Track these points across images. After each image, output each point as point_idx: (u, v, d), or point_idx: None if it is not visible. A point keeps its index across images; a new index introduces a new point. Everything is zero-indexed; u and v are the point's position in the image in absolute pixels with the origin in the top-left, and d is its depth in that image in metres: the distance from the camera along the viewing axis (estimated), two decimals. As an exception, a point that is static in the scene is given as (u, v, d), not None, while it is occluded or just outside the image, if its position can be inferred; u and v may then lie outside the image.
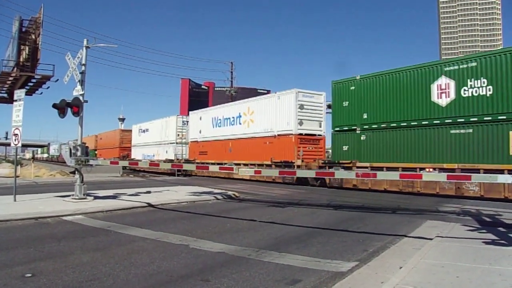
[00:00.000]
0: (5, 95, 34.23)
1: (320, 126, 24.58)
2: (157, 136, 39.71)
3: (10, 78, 29.75)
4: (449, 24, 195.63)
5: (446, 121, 16.61)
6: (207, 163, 27.30)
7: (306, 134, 23.82)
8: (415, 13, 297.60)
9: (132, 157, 45.69)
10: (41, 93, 32.25)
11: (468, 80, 16.07)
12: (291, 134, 23.61)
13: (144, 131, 44.19)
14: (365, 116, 19.89)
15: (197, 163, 29.82)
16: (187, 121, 36.40)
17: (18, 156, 13.96)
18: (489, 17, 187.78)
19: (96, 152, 59.21)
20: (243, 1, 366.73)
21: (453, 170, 15.45)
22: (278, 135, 24.61)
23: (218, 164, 24.98)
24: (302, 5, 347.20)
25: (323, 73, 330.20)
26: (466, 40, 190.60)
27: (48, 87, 31.12)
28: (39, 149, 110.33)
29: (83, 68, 13.35)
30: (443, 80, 16.83)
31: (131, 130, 49.55)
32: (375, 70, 20.54)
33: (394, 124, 18.49)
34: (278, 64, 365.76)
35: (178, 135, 36.04)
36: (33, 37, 28.63)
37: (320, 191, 19.57)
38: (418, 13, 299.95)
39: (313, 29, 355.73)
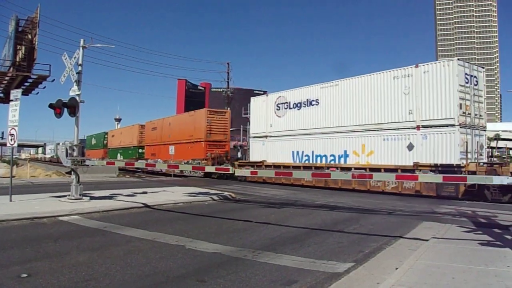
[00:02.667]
0: (1, 94, 34.01)
1: None
2: (358, 115, 20.72)
3: (6, 78, 29.56)
4: (444, 23, 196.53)
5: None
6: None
7: None
8: (411, 12, 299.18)
9: (260, 159, 25.61)
10: (37, 93, 32.06)
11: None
12: None
13: (297, 106, 24.04)
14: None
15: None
16: (482, 75, 18.35)
17: (14, 156, 13.87)
18: (485, 13, 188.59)
19: (141, 150, 38.75)
20: (240, 1, 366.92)
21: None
22: None
23: None
24: (300, 5, 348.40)
25: (321, 73, 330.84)
26: (462, 37, 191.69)
27: (45, 87, 30.91)
28: (40, 149, 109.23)
29: (79, 68, 13.27)
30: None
31: (225, 112, 31.06)
32: (372, 70, 20.31)
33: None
34: (274, 65, 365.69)
35: (460, 106, 16.88)
36: (30, 36, 28.49)
37: (317, 192, 19.59)
38: (415, 11, 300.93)
39: (311, 28, 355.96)
